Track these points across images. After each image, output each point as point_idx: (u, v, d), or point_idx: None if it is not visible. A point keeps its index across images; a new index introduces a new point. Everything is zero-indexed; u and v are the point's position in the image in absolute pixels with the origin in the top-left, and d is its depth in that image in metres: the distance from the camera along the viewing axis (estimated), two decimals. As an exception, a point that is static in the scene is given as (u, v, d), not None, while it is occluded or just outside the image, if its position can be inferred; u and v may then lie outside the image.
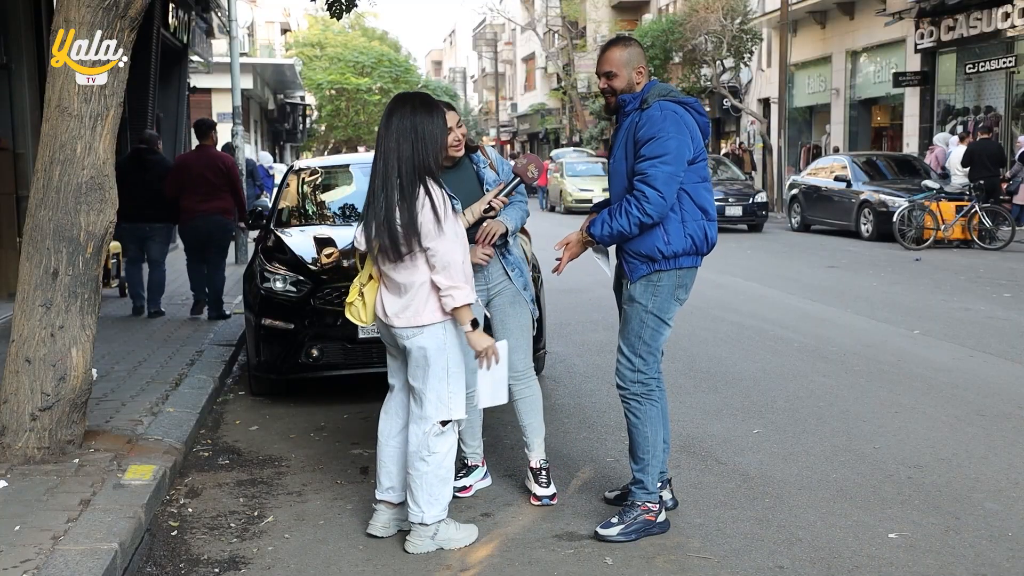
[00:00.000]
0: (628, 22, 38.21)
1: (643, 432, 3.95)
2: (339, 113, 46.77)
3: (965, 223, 15.09)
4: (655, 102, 3.84)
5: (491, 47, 56.79)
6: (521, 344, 4.34)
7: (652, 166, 3.74)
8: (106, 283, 8.97)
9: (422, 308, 3.67)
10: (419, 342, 3.70)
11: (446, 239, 3.59)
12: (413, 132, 3.63)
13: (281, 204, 7.50)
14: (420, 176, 3.61)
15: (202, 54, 18.99)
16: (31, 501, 4.05)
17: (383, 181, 3.64)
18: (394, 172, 3.61)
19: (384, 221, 3.60)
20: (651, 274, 3.88)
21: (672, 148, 3.75)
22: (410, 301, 3.68)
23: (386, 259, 3.66)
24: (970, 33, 19.87)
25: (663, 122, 3.77)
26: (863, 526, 3.98)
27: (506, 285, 4.32)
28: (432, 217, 3.57)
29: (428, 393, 3.73)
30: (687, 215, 3.86)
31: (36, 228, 4.57)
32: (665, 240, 3.83)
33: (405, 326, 3.70)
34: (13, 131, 9.84)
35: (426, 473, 3.75)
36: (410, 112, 3.65)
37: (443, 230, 3.59)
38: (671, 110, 3.81)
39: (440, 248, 3.58)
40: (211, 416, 5.97)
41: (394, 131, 3.64)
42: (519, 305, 4.32)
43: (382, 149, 3.66)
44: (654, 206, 3.74)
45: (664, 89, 3.91)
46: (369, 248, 3.71)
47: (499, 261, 4.32)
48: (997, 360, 7.00)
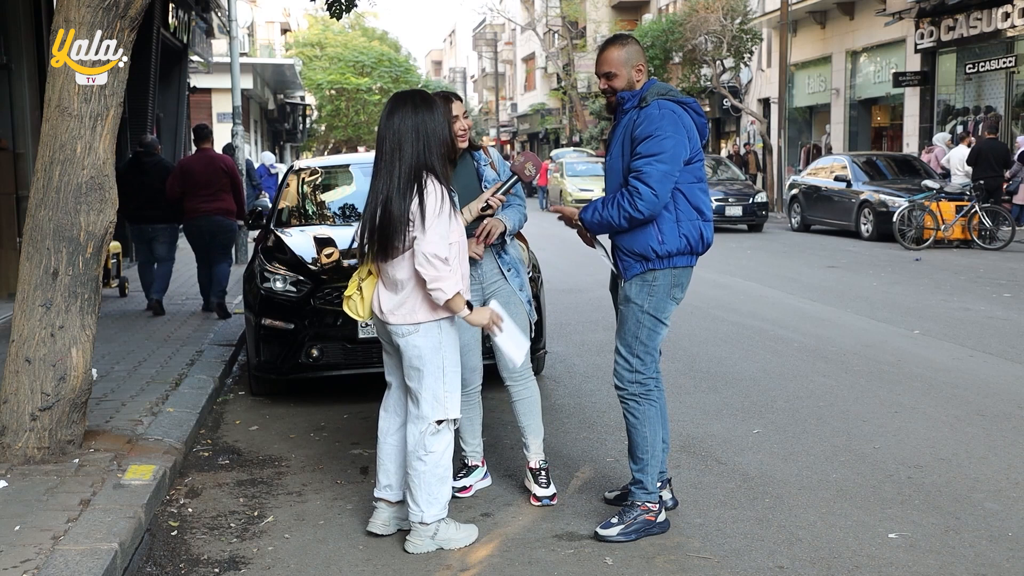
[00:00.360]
0: (628, 22, 38.21)
1: (642, 432, 3.95)
2: (339, 113, 46.74)
3: (965, 223, 15.09)
4: (654, 100, 3.84)
5: (491, 47, 56.79)
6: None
7: (647, 163, 3.75)
8: (106, 283, 9.00)
9: (418, 306, 3.68)
10: (414, 341, 3.70)
11: (432, 231, 3.56)
12: (415, 131, 3.63)
13: (281, 204, 7.51)
14: (419, 173, 3.61)
15: (202, 54, 18.99)
16: (31, 501, 4.05)
17: (383, 179, 3.64)
18: (395, 171, 3.61)
19: (379, 217, 3.61)
20: (645, 273, 3.89)
21: (668, 147, 3.75)
22: (405, 298, 3.69)
23: (381, 255, 3.67)
24: (970, 33, 19.87)
25: (660, 120, 3.77)
26: (863, 526, 3.98)
27: (501, 285, 4.31)
28: (419, 212, 3.57)
29: (424, 392, 3.74)
30: (682, 215, 3.86)
31: (36, 228, 4.57)
32: (659, 239, 3.83)
33: (400, 323, 3.71)
34: (13, 131, 9.85)
35: (424, 472, 3.75)
36: (411, 111, 3.65)
37: (430, 224, 3.57)
38: (669, 109, 3.81)
39: (423, 239, 3.56)
40: (211, 416, 5.97)
41: (395, 131, 3.64)
42: (514, 305, 4.30)
43: (384, 148, 3.66)
44: (646, 203, 3.74)
45: (663, 88, 3.92)
46: (367, 244, 3.71)
47: (495, 261, 4.31)
48: (997, 360, 7.00)
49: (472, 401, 4.44)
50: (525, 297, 4.36)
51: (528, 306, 4.36)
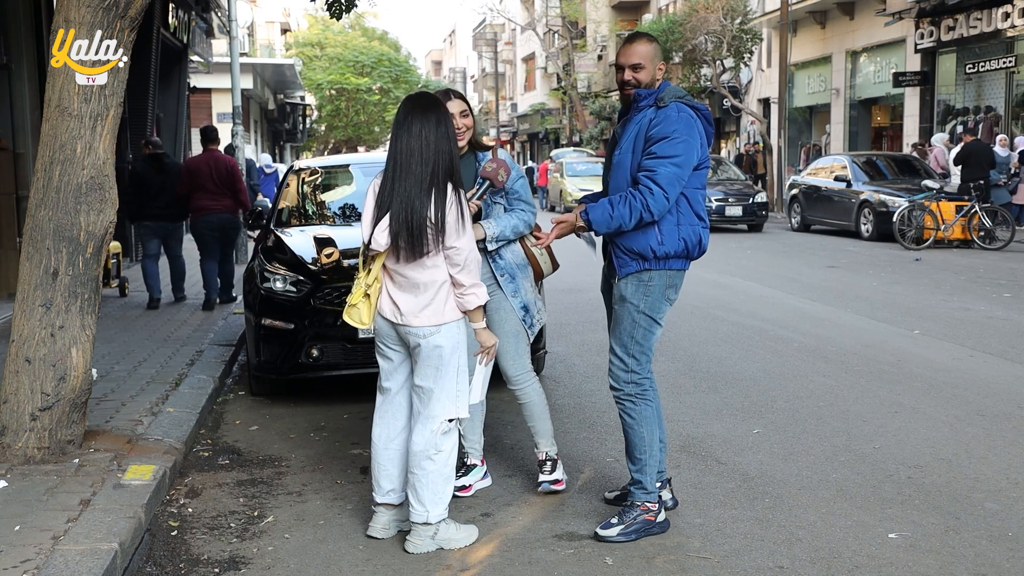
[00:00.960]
0: (628, 22, 38.19)
1: (639, 432, 3.95)
2: (339, 113, 46.76)
3: (965, 223, 15.09)
4: (672, 102, 3.84)
5: (491, 47, 56.75)
6: (511, 350, 4.28)
7: (662, 164, 3.75)
8: (106, 283, 9.01)
9: (442, 307, 3.69)
10: (436, 340, 3.70)
11: (468, 238, 3.65)
12: (442, 138, 3.63)
13: (281, 204, 7.50)
14: (444, 180, 3.61)
15: (202, 54, 18.99)
16: (31, 501, 4.05)
17: (410, 181, 3.60)
18: (425, 172, 3.59)
19: (408, 219, 3.58)
20: (641, 272, 3.89)
21: (683, 151, 3.78)
22: (430, 300, 3.68)
23: (409, 257, 3.64)
24: (970, 33, 19.87)
25: (679, 123, 3.79)
26: (863, 526, 3.98)
27: (493, 291, 4.24)
28: (457, 216, 3.61)
29: (438, 391, 3.74)
30: (683, 218, 3.87)
31: (36, 228, 4.57)
32: (659, 240, 3.84)
33: (424, 324, 3.69)
34: (13, 131, 9.85)
35: (432, 472, 3.75)
36: (435, 122, 3.64)
37: (465, 230, 3.64)
38: (688, 114, 3.83)
39: (464, 247, 3.63)
40: (211, 416, 5.97)
41: (419, 134, 3.60)
42: (504, 312, 4.25)
43: (405, 148, 3.62)
44: (657, 203, 3.75)
45: (679, 91, 3.94)
46: (394, 246, 3.65)
47: (487, 265, 4.24)
48: (997, 360, 7.00)
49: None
50: (519, 304, 4.28)
51: (522, 312, 4.28)
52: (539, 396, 4.39)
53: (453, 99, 4.18)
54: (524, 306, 4.30)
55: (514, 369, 4.31)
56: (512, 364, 4.31)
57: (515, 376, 4.31)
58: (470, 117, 4.24)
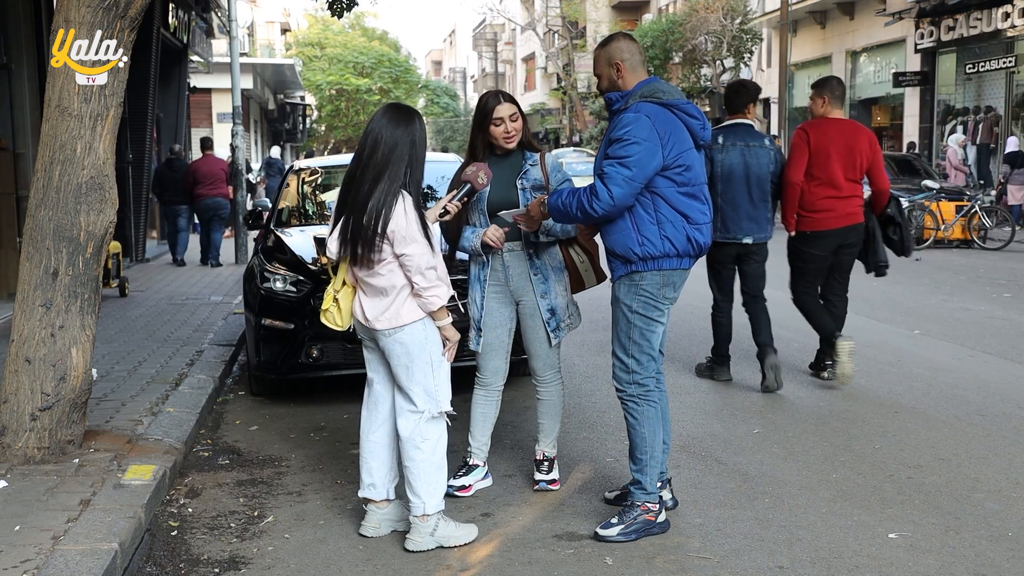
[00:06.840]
0: (628, 22, 38.22)
1: (641, 433, 3.95)
2: (339, 113, 46.75)
3: (965, 223, 15.09)
4: (633, 103, 3.85)
5: (491, 47, 56.80)
6: (542, 350, 4.39)
7: (611, 166, 3.77)
8: (106, 283, 9.00)
9: (401, 309, 3.74)
10: (399, 338, 3.75)
11: (419, 244, 3.65)
12: (408, 154, 3.67)
13: (281, 204, 7.50)
14: (397, 191, 3.65)
15: (202, 54, 18.99)
16: (31, 501, 4.05)
17: (363, 190, 3.65)
18: (379, 184, 3.64)
19: (355, 229, 3.65)
20: (631, 274, 3.91)
21: (634, 152, 3.74)
22: (389, 304, 3.74)
23: (361, 266, 3.72)
24: (970, 33, 19.87)
25: (631, 125, 3.77)
26: (863, 526, 3.98)
27: (527, 290, 4.31)
28: (403, 224, 3.62)
29: (415, 388, 3.79)
30: (663, 218, 3.85)
31: (36, 228, 4.57)
32: (638, 241, 3.84)
33: (385, 327, 3.76)
34: (13, 131, 9.84)
35: (421, 461, 3.78)
36: (407, 130, 3.68)
37: (415, 237, 3.64)
38: (645, 113, 3.79)
39: (414, 252, 3.64)
40: (211, 416, 5.96)
41: (386, 146, 3.65)
42: (529, 317, 4.34)
43: (364, 158, 3.67)
44: (602, 204, 3.76)
45: (652, 89, 3.89)
46: (343, 256, 3.77)
47: (525, 263, 4.29)
48: (997, 360, 7.00)
49: (491, 398, 4.48)
50: (547, 305, 4.31)
51: (548, 314, 4.31)
52: (559, 398, 4.47)
53: (503, 102, 4.21)
54: (551, 308, 4.33)
55: (542, 368, 4.43)
56: (541, 363, 4.42)
57: (542, 375, 4.43)
58: (520, 120, 4.26)
